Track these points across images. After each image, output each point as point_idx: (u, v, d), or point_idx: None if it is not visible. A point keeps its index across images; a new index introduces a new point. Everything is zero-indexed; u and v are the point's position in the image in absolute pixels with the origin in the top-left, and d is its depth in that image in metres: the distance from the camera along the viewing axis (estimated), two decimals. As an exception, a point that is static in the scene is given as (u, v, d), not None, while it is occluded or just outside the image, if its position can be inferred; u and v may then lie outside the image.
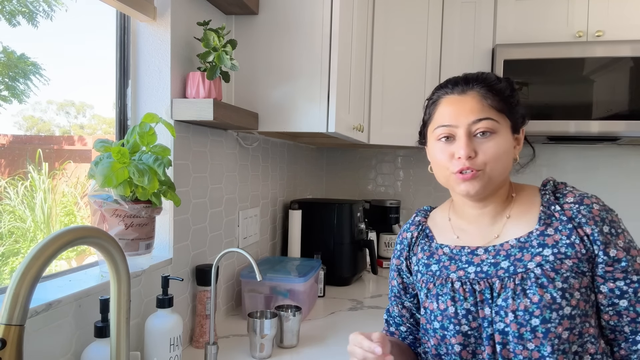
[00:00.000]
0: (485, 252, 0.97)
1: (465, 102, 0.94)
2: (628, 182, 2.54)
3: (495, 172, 0.92)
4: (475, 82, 0.95)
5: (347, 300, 1.92)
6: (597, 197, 0.95)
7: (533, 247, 0.93)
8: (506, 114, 0.94)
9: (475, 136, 0.92)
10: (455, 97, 0.95)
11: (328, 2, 1.56)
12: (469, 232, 1.01)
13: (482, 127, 0.91)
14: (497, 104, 0.93)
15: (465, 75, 0.98)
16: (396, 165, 2.87)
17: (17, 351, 0.66)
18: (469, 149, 0.91)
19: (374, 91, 2.23)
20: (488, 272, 0.94)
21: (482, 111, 0.92)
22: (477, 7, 2.32)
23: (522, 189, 1.01)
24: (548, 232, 0.93)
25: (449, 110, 0.95)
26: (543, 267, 0.90)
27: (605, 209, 0.93)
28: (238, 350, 1.39)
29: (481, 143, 0.92)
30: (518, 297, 0.90)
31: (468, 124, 0.92)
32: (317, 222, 2.17)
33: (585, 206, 0.92)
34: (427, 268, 1.04)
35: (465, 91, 0.95)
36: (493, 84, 0.95)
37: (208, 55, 1.33)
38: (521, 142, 1.00)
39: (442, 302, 0.97)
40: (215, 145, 1.56)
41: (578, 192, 0.95)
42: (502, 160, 0.93)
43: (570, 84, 2.16)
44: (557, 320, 0.87)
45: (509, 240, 0.95)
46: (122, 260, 0.87)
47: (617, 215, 0.94)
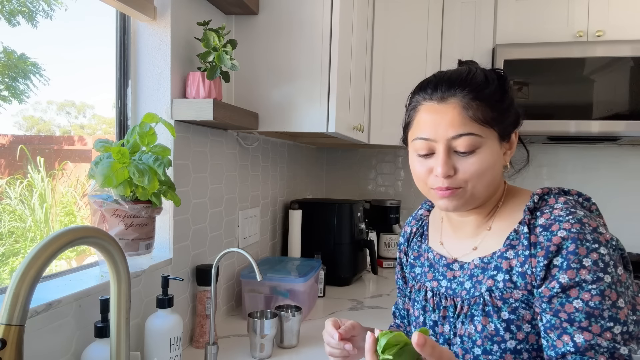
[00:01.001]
0: (460, 268, 0.91)
1: (444, 113, 0.82)
2: (628, 182, 2.54)
3: (478, 189, 0.83)
4: (458, 87, 0.83)
5: (347, 300, 1.92)
6: (580, 223, 0.77)
7: (490, 270, 0.85)
8: (492, 124, 0.82)
9: (456, 151, 0.82)
10: (434, 106, 0.84)
11: (328, 2, 1.55)
12: (451, 241, 0.96)
13: (462, 143, 0.81)
14: (482, 114, 0.81)
15: (449, 76, 0.86)
16: (396, 165, 2.87)
17: (17, 351, 0.66)
18: (447, 167, 0.82)
19: (374, 91, 2.23)
20: (455, 290, 0.91)
21: (463, 125, 0.81)
22: (477, 7, 2.32)
23: (513, 196, 0.91)
24: (508, 254, 0.83)
25: (427, 121, 0.84)
26: (492, 294, 0.83)
27: (577, 238, 0.76)
28: (238, 350, 1.39)
29: (462, 159, 0.82)
30: (465, 323, 0.85)
31: (447, 139, 0.82)
32: (317, 222, 2.17)
33: (550, 233, 0.78)
34: (412, 269, 1.04)
35: (446, 99, 0.83)
36: (478, 89, 0.82)
37: (208, 55, 1.33)
38: (514, 146, 0.89)
39: (417, 309, 0.97)
40: (215, 145, 1.56)
41: (558, 214, 0.80)
42: (485, 176, 0.83)
43: (571, 84, 2.16)
44: (499, 354, 0.81)
45: (474, 260, 0.88)
46: (122, 261, 0.87)
47: (599, 251, 0.75)
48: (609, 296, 0.74)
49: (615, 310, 0.74)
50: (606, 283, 0.74)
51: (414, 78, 2.55)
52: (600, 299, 0.74)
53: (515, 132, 0.89)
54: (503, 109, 0.84)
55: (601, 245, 0.76)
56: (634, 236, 2.42)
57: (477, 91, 0.82)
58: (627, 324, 0.74)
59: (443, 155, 0.82)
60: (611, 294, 0.74)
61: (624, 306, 0.74)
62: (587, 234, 0.76)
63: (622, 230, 1.68)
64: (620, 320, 0.74)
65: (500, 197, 0.91)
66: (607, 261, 0.75)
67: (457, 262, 0.93)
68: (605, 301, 0.74)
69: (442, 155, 0.82)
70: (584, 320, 0.74)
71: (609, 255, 0.75)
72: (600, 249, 0.75)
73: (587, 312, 0.74)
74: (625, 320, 0.74)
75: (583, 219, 0.78)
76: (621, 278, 0.75)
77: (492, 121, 0.82)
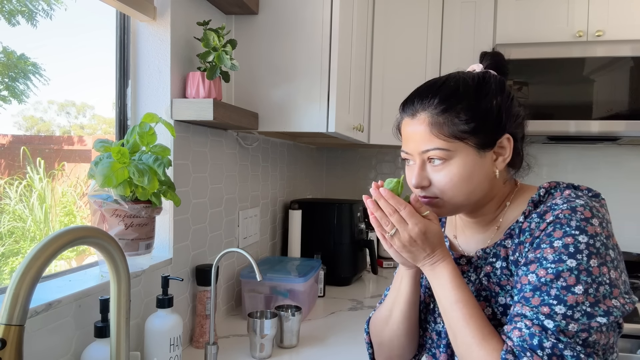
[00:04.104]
0: (468, 263, 0.92)
1: (415, 128, 0.85)
2: (628, 182, 2.54)
3: (458, 198, 0.84)
4: (430, 97, 0.84)
5: (347, 300, 1.92)
6: (572, 210, 0.76)
7: (489, 257, 0.88)
8: (463, 137, 0.82)
9: (430, 162, 0.85)
10: (407, 121, 0.87)
11: (328, 2, 1.55)
12: (464, 236, 0.97)
13: (431, 156, 0.83)
14: (448, 129, 0.82)
15: (423, 89, 0.88)
16: (396, 165, 2.87)
17: (17, 351, 0.66)
18: (419, 179, 0.85)
19: (374, 91, 2.23)
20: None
21: (430, 141, 0.83)
22: (477, 6, 2.32)
23: (522, 193, 0.91)
24: (506, 243, 0.86)
25: (404, 135, 0.88)
26: (490, 279, 0.86)
27: (560, 223, 0.76)
28: (238, 350, 1.39)
29: (434, 172, 0.84)
30: None
31: (419, 153, 0.85)
32: (317, 222, 2.17)
33: (542, 220, 0.79)
34: None
35: (415, 115, 0.85)
36: (447, 100, 0.83)
37: (208, 55, 1.33)
38: (507, 151, 0.86)
39: (428, 295, 0.99)
40: (215, 145, 1.56)
41: (555, 202, 0.80)
42: (462, 187, 0.83)
43: (571, 84, 2.16)
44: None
45: (478, 252, 0.90)
46: (122, 260, 0.87)
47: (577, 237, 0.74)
48: (565, 278, 0.72)
49: (565, 292, 0.72)
50: (567, 266, 0.73)
51: (414, 78, 2.55)
52: (552, 277, 0.73)
53: (507, 137, 0.85)
54: (479, 118, 0.82)
55: (583, 233, 0.74)
56: (634, 236, 2.42)
57: (446, 102, 0.83)
58: (574, 309, 0.71)
59: (417, 169, 0.86)
60: (569, 278, 0.72)
61: (580, 294, 0.71)
62: (574, 220, 0.75)
63: (622, 230, 1.68)
64: (566, 303, 0.71)
65: (506, 196, 0.91)
66: (580, 249, 0.73)
67: (463, 257, 0.94)
68: (558, 281, 0.73)
69: (416, 169, 0.86)
70: (528, 292, 0.75)
71: (586, 244, 0.73)
72: (579, 236, 0.74)
73: (535, 285, 0.75)
74: (572, 305, 0.71)
75: (578, 207, 0.77)
76: (592, 269, 0.72)
77: (463, 134, 0.82)
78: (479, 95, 0.84)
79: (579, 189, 0.86)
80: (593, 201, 0.81)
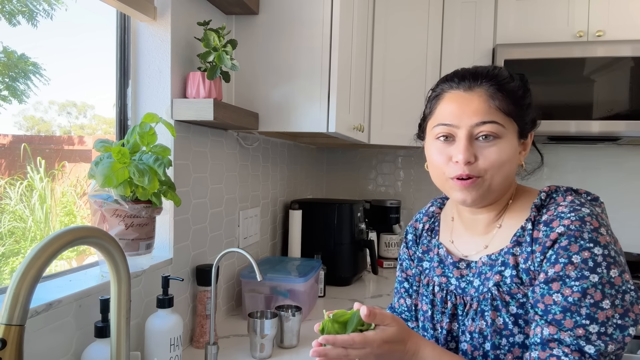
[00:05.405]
0: (467, 267, 0.92)
1: (470, 101, 0.84)
2: (628, 182, 2.54)
3: (496, 180, 0.84)
4: (485, 78, 0.85)
5: (348, 300, 1.92)
6: (581, 220, 0.77)
7: (497, 266, 0.86)
8: (514, 117, 0.85)
9: (477, 139, 0.83)
10: (460, 94, 0.86)
11: (328, 2, 1.55)
12: (463, 239, 0.97)
13: (485, 130, 0.82)
14: (506, 106, 0.83)
15: (475, 69, 0.88)
16: (397, 165, 2.87)
17: (17, 351, 0.66)
18: (469, 154, 0.82)
19: (374, 91, 2.23)
20: (465, 289, 0.91)
21: (488, 113, 0.83)
22: (477, 6, 2.32)
23: (523, 194, 0.92)
24: (514, 251, 0.84)
25: (451, 107, 0.86)
26: (500, 289, 0.84)
27: (573, 235, 0.76)
28: (238, 350, 1.39)
29: (483, 147, 0.83)
30: (476, 319, 0.86)
31: (470, 126, 0.83)
32: (318, 222, 2.17)
33: (549, 229, 0.79)
34: (419, 262, 1.04)
35: (472, 88, 0.85)
36: (504, 82, 0.85)
37: (208, 55, 1.33)
38: (528, 147, 0.91)
39: (425, 303, 0.98)
40: (215, 145, 1.56)
41: (561, 210, 0.80)
42: (504, 168, 0.83)
43: (571, 84, 2.16)
44: (507, 348, 0.82)
45: (482, 257, 0.89)
46: (122, 260, 0.87)
47: (592, 250, 0.75)
48: (591, 295, 0.73)
49: (594, 309, 0.73)
50: (591, 282, 0.73)
51: (414, 78, 2.54)
52: (580, 296, 0.74)
53: (531, 133, 0.90)
54: (524, 106, 0.87)
55: (597, 245, 0.75)
56: (634, 236, 2.42)
57: (502, 84, 0.85)
58: (606, 325, 0.73)
59: (465, 141, 0.83)
60: (595, 294, 0.73)
61: (609, 308, 0.73)
62: (585, 232, 0.76)
63: (623, 230, 1.68)
64: (598, 320, 0.73)
65: (511, 195, 0.91)
66: (599, 261, 0.74)
67: (463, 260, 0.93)
68: (586, 299, 0.73)
69: (464, 141, 0.83)
70: (558, 314, 0.75)
71: (602, 256, 0.74)
72: (594, 248, 0.75)
73: (564, 306, 0.74)
74: (604, 322, 0.73)
75: (586, 217, 0.77)
76: (614, 281, 0.74)
77: (515, 114, 0.85)
78: (525, 86, 0.89)
79: (578, 193, 0.87)
80: (594, 207, 0.83)
